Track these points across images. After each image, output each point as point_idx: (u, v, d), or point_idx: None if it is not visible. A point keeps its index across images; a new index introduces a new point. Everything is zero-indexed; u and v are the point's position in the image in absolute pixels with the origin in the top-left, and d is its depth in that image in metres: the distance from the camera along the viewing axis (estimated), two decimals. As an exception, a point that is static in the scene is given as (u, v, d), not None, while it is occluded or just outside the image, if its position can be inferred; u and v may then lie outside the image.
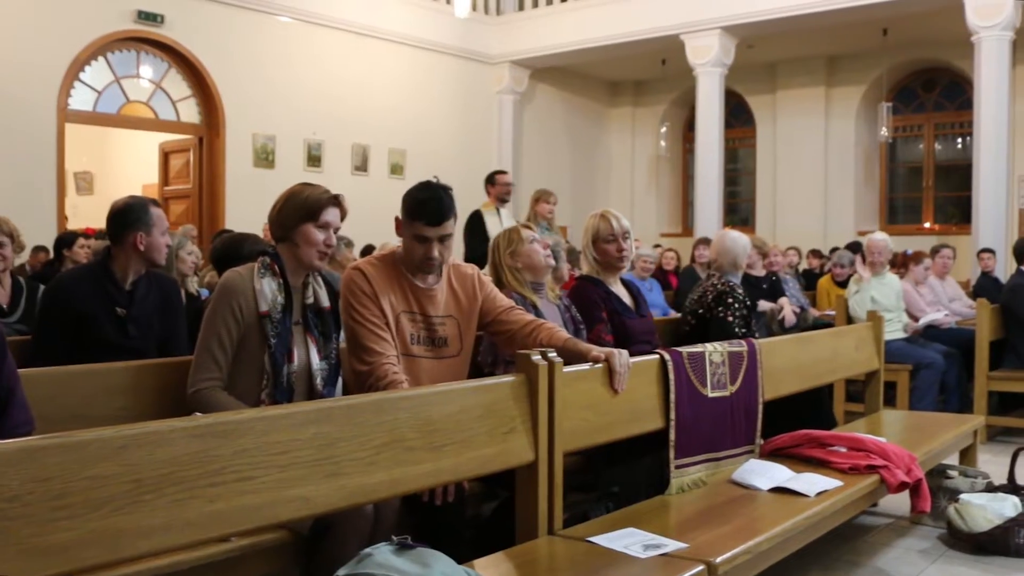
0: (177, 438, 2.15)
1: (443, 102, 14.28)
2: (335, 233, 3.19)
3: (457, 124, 14.48)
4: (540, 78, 15.60)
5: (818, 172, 15.06)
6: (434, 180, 3.46)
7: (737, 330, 4.66)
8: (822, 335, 4.77)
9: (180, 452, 2.14)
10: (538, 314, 3.82)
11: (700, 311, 4.91)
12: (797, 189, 15.13)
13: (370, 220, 9.38)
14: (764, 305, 7.66)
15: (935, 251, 8.70)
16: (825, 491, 3.52)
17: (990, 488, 4.67)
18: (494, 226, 7.19)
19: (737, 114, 16.10)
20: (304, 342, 3.15)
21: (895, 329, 7.08)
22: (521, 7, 14.99)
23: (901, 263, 8.52)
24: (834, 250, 10.40)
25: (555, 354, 3.06)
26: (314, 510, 2.44)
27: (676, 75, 14.88)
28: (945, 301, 8.24)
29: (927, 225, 14.73)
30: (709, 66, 12.92)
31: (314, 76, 12.41)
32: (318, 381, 3.14)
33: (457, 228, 3.55)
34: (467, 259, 6.42)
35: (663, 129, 16.42)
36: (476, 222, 7.60)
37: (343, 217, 3.24)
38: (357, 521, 2.81)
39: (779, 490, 3.53)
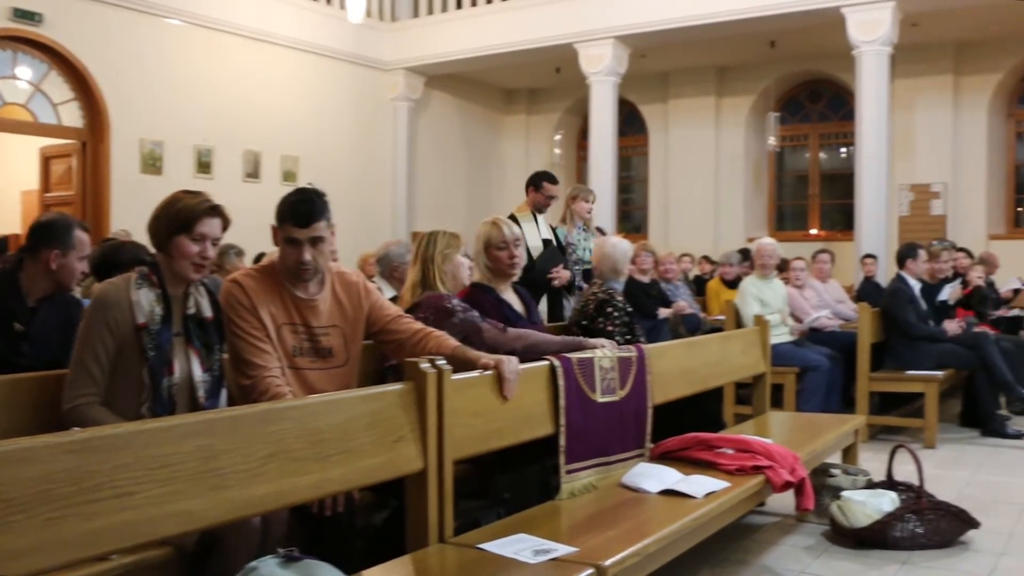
0: (50, 454, 2.08)
1: (337, 108, 14.15)
2: (215, 244, 3.10)
3: (351, 131, 14.36)
4: (435, 85, 15.57)
5: (709, 180, 15.34)
6: (308, 185, 3.43)
7: (619, 339, 4.68)
8: (710, 340, 4.86)
9: (54, 469, 2.08)
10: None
11: (584, 322, 4.96)
12: (689, 197, 15.39)
13: (262, 228, 9.13)
14: (664, 312, 7.76)
15: (814, 256, 8.97)
16: (713, 492, 3.59)
17: (870, 485, 4.82)
18: (532, 234, 6.34)
19: (630, 122, 16.29)
20: (185, 354, 3.07)
21: (782, 333, 7.26)
22: (416, 14, 14.95)
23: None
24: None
25: (444, 362, 3.05)
26: (198, 524, 2.39)
27: (570, 83, 15.01)
28: (832, 304, 8.48)
29: (813, 231, 15.12)
30: (602, 75, 13.07)
31: (204, 80, 12.15)
32: (201, 393, 3.06)
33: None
34: None
35: (557, 137, 16.54)
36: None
37: (225, 227, 3.15)
38: (244, 534, 2.76)
39: (668, 492, 3.58)
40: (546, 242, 6.39)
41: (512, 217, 6.39)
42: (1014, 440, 6.90)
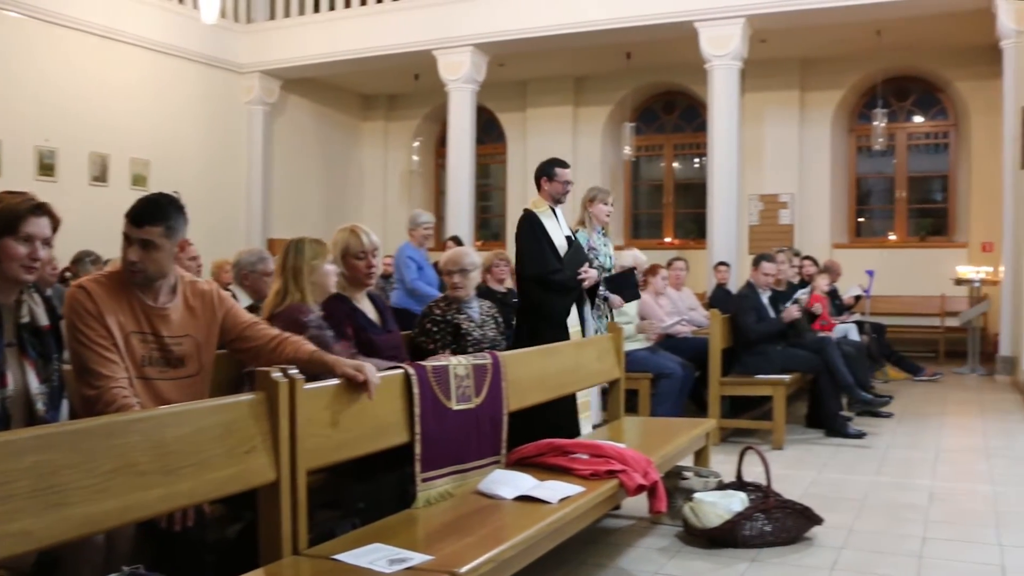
0: None
1: (190, 111, 13.78)
2: (45, 245, 2.95)
3: (205, 134, 14.02)
4: (292, 89, 15.34)
5: (566, 188, 15.50)
6: (174, 193, 3.36)
7: (442, 353, 4.64)
8: (565, 347, 4.90)
9: None
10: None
11: (421, 338, 4.93)
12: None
13: (111, 233, 8.84)
14: None
15: (669, 263, 9.16)
16: (568, 497, 3.61)
17: (721, 486, 4.95)
18: (555, 231, 5.86)
19: (489, 130, 16.37)
20: (19, 365, 2.91)
21: (638, 339, 7.39)
22: (272, 16, 14.70)
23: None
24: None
25: (296, 370, 2.99)
26: (36, 544, 2.27)
27: (429, 90, 14.99)
28: (684, 311, 8.67)
29: (668, 240, 15.48)
30: (461, 82, 13.11)
31: (47, 78, 11.65)
32: (39, 406, 2.91)
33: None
34: (524, 271, 5.82)
35: (416, 144, 16.51)
36: (532, 225, 5.87)
37: (55, 227, 3.00)
38: (86, 553, 2.65)
39: (524, 498, 3.59)
40: (568, 239, 5.94)
41: (531, 214, 5.94)
42: (855, 440, 7.18)
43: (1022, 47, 10.11)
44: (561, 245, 5.82)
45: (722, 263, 10.66)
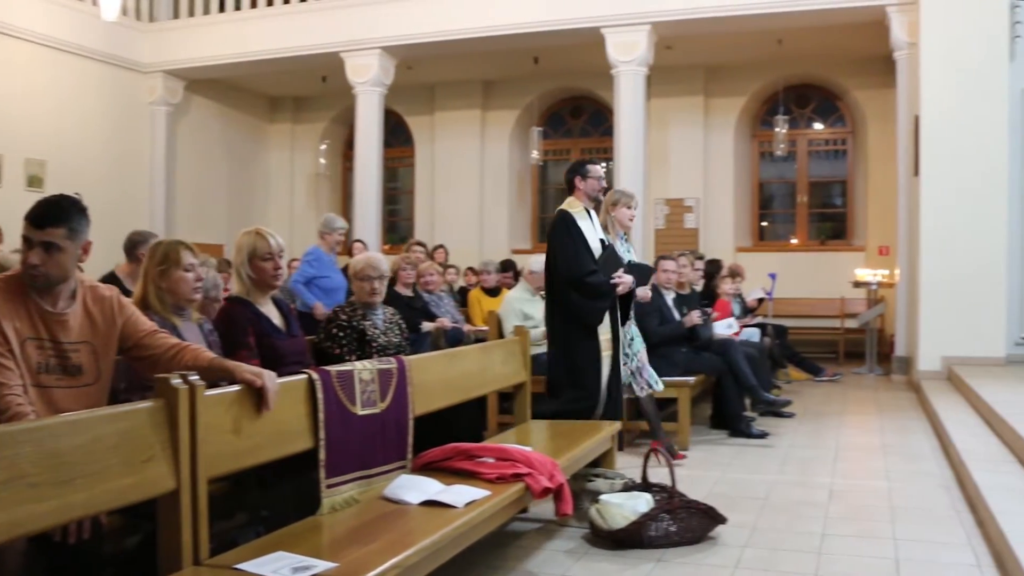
0: None
1: (89, 111, 13.43)
2: None
3: (106, 135, 13.68)
4: (196, 90, 15.07)
5: (474, 192, 15.56)
6: (75, 195, 3.27)
7: (348, 359, 4.61)
8: (471, 350, 4.89)
9: None
10: (178, 335, 3.65)
11: (327, 343, 4.88)
12: (454, 209, 15.55)
13: (4, 236, 8.63)
14: (427, 326, 7.76)
15: None
16: (473, 501, 3.61)
17: (627, 488, 5.00)
18: (591, 233, 5.72)
19: (397, 134, 16.31)
20: None
21: (543, 344, 7.41)
22: (176, 15, 14.43)
23: None
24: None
25: (196, 377, 2.93)
26: (-84, 562, 2.19)
27: (336, 93, 14.88)
28: None
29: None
30: (368, 85, 13.02)
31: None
32: None
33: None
34: (556, 275, 5.70)
35: (323, 147, 16.38)
36: (567, 225, 5.71)
37: None
38: (-28, 570, 2.56)
39: (430, 503, 3.58)
40: (601, 242, 5.81)
41: (566, 214, 5.77)
42: (758, 440, 7.32)
43: (914, 58, 10.44)
44: (596, 248, 5.72)
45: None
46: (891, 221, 11.67)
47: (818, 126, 14.80)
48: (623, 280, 5.66)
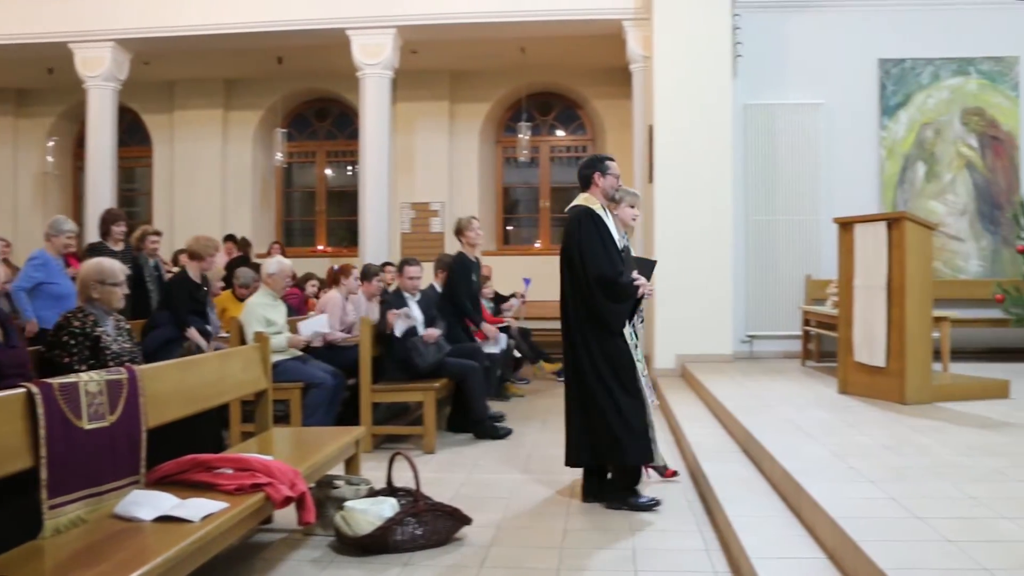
0: None
1: None
2: None
3: None
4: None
5: (216, 194, 15.07)
6: None
7: (80, 368, 4.37)
8: (208, 358, 4.72)
9: None
10: None
11: (55, 351, 4.58)
12: (196, 211, 14.99)
13: None
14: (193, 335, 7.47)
15: (341, 270, 9.12)
16: (211, 514, 3.50)
17: (372, 493, 4.98)
18: (614, 231, 5.46)
19: (133, 132, 15.58)
20: None
21: (286, 350, 7.29)
22: None
23: (332, 280, 8.87)
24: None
25: None
26: None
27: (65, 87, 14.00)
28: (355, 318, 8.68)
29: (320, 247, 15.40)
30: (101, 80, 12.31)
31: None
32: None
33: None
34: (587, 272, 5.27)
35: (50, 144, 15.38)
36: (595, 223, 5.39)
37: None
38: None
39: (165, 519, 3.44)
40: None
41: (590, 209, 5.41)
42: (504, 440, 7.47)
43: (648, 71, 10.96)
44: (619, 247, 5.44)
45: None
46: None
47: (560, 133, 15.28)
48: (643, 281, 5.41)
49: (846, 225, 7.64)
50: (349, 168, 15.65)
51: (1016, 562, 3.25)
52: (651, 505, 5.28)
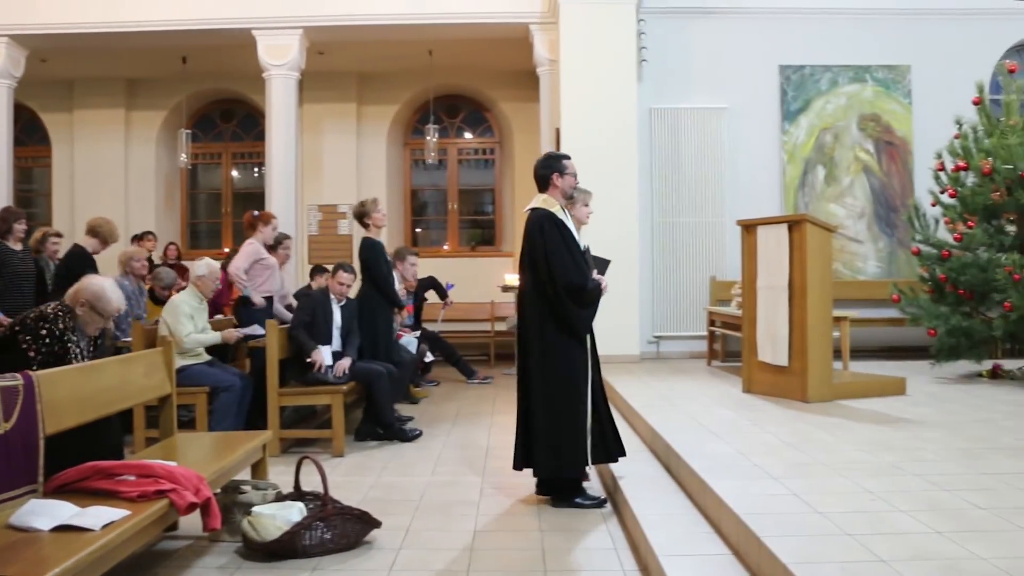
0: None
1: None
2: None
3: None
4: None
5: (119, 196, 14.73)
6: None
7: (35, 366, 4.31)
8: (110, 363, 4.60)
9: None
10: None
11: (26, 338, 4.51)
12: (97, 212, 14.29)
13: None
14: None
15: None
16: (112, 522, 3.42)
17: (280, 497, 4.92)
18: (575, 233, 5.41)
19: (31, 131, 15.15)
20: None
21: (198, 353, 7.19)
22: None
23: (249, 226, 8.88)
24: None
25: None
26: None
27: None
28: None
29: (227, 249, 15.09)
30: (-5, 77, 11.97)
31: None
32: None
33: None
34: (556, 281, 5.14)
35: (-59, 142, 14.86)
36: (558, 227, 5.32)
37: None
38: None
39: (63, 528, 3.35)
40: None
41: (549, 212, 5.30)
42: (412, 442, 7.46)
43: (555, 74, 11.05)
44: (579, 249, 5.36)
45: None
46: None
47: (468, 135, 15.30)
48: (606, 281, 5.39)
49: (749, 227, 7.80)
50: (255, 170, 15.44)
51: (911, 553, 3.35)
52: (598, 503, 5.33)
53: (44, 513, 3.42)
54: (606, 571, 4.26)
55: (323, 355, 7.33)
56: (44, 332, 4.51)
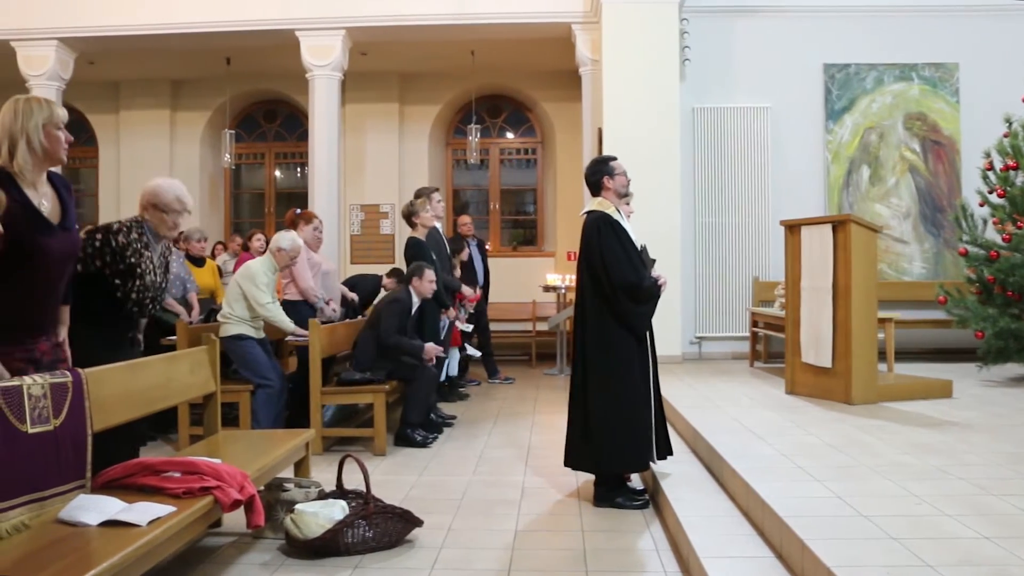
0: None
1: None
2: None
3: None
4: None
5: (164, 195, 14.85)
6: None
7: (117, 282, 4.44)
8: (155, 361, 4.65)
9: None
10: None
11: (91, 249, 4.60)
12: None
13: None
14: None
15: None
16: (158, 518, 3.46)
17: (322, 495, 4.95)
18: (631, 233, 5.45)
19: (78, 133, 15.34)
20: None
21: (258, 325, 7.19)
22: None
23: (291, 225, 8.91)
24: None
25: None
26: None
27: (7, 85, 13.71)
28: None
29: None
30: (44, 79, 12.13)
31: None
32: None
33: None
34: (612, 280, 5.23)
35: (-6, 144, 15.08)
36: (613, 228, 5.40)
37: None
38: None
39: (111, 523, 3.39)
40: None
41: (605, 214, 5.41)
42: (422, 447, 7.39)
43: (597, 74, 11.03)
44: (637, 248, 5.43)
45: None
46: (577, 227, 12.19)
47: (509, 135, 15.30)
48: (664, 278, 5.45)
49: (793, 227, 7.73)
50: (298, 170, 15.54)
51: (957, 558, 3.31)
52: (641, 504, 5.32)
53: (93, 508, 3.46)
54: (647, 572, 4.24)
55: (433, 348, 7.56)
56: (108, 248, 4.64)
